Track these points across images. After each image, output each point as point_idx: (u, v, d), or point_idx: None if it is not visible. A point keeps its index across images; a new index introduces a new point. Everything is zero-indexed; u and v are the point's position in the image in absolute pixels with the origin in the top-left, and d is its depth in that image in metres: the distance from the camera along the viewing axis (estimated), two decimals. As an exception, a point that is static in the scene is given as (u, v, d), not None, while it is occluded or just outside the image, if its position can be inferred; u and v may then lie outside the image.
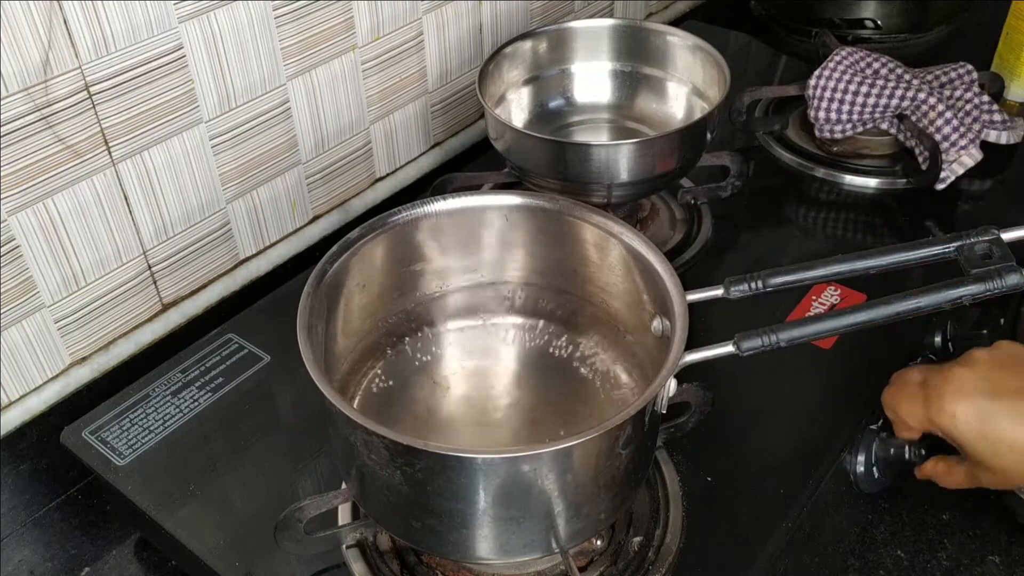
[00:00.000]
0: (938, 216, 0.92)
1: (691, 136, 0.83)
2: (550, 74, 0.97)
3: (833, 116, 0.95)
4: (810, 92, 0.96)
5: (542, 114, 0.97)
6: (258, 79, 0.79)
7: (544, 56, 0.96)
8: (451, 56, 0.97)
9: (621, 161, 0.80)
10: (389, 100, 0.93)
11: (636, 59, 0.97)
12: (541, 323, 0.72)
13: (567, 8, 1.10)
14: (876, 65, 0.97)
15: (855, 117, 0.94)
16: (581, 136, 0.97)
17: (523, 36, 0.93)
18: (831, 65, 0.95)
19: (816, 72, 0.96)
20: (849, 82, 0.94)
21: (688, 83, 0.94)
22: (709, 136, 0.85)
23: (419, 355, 0.70)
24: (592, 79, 0.98)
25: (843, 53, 0.96)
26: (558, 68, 0.97)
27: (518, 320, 0.72)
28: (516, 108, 0.95)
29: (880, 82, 0.93)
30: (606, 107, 0.99)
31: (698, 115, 0.90)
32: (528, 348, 0.71)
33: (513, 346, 0.72)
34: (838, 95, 0.94)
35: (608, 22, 0.96)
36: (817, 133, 0.98)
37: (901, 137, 0.95)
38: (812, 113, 0.96)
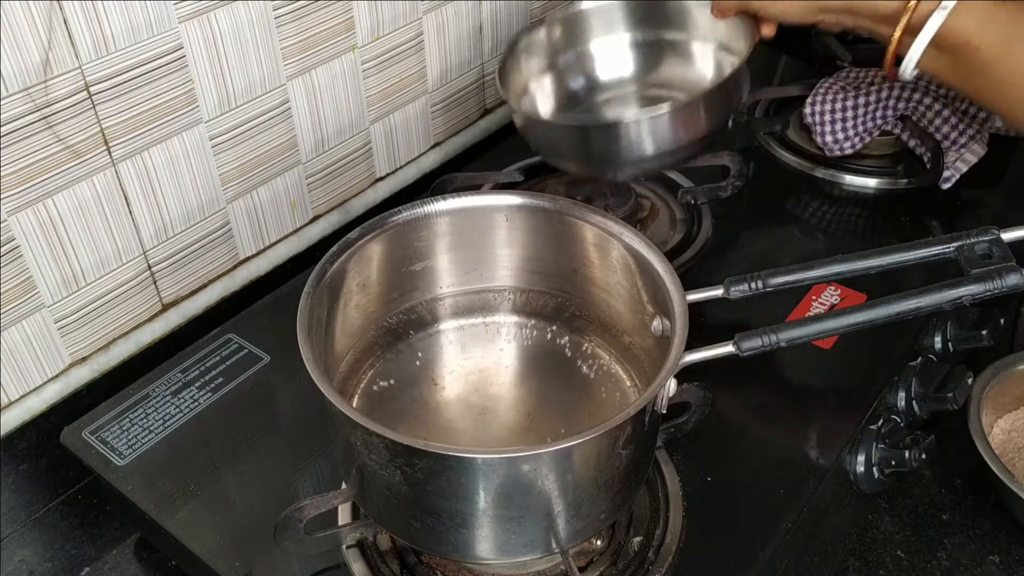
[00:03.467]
0: (938, 216, 0.92)
1: (726, 92, 0.80)
2: (569, 58, 0.94)
3: (840, 136, 0.95)
4: (808, 120, 0.96)
5: (568, 98, 0.94)
6: (258, 79, 0.79)
7: (559, 41, 0.93)
8: (451, 56, 0.97)
9: (654, 133, 0.77)
10: (389, 100, 0.93)
11: (655, 26, 0.93)
12: (541, 323, 0.72)
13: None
14: (863, 76, 0.97)
15: (860, 128, 0.94)
16: (612, 112, 0.94)
17: (535, 25, 0.91)
18: (820, 91, 0.96)
19: (808, 100, 0.96)
20: (845, 99, 0.94)
21: (712, 40, 0.90)
22: (744, 93, 0.82)
23: (419, 355, 0.70)
24: (613, 54, 0.94)
25: (829, 81, 0.97)
26: (575, 50, 0.94)
27: (518, 320, 0.72)
28: (541, 97, 0.93)
29: (874, 90, 0.93)
30: (632, 80, 0.95)
31: (728, 71, 0.85)
32: (528, 348, 0.71)
33: (513, 346, 0.72)
34: (838, 115, 0.94)
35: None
36: (828, 154, 0.97)
37: (904, 136, 0.95)
38: (818, 140, 0.96)
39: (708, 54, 0.91)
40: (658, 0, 0.92)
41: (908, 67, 0.74)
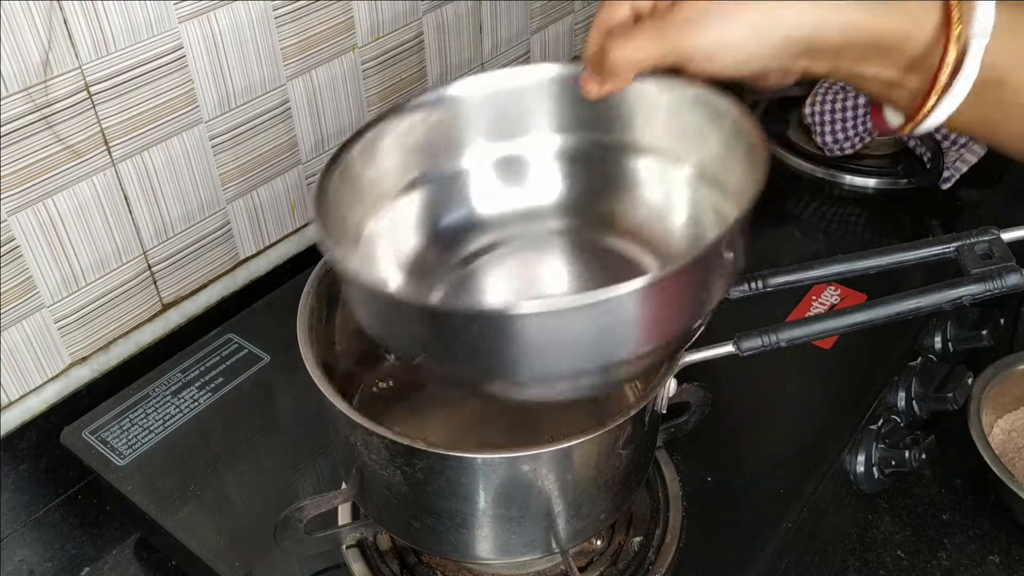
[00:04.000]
0: (938, 216, 0.93)
1: (716, 263, 0.49)
2: (441, 172, 0.59)
3: (840, 136, 0.95)
4: (808, 120, 0.96)
5: (436, 243, 0.59)
6: (258, 79, 0.79)
7: (426, 144, 0.58)
8: (451, 56, 0.97)
9: (584, 334, 0.45)
10: (389, 100, 0.93)
11: (590, 128, 0.59)
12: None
13: (567, 8, 1.10)
14: None
15: (860, 128, 0.95)
16: (506, 271, 0.60)
17: (389, 114, 0.55)
18: (820, 91, 0.96)
19: (808, 100, 0.96)
20: (845, 99, 0.94)
21: (689, 162, 0.57)
22: (732, 268, 0.52)
23: (419, 355, 0.70)
24: (518, 170, 0.60)
25: (829, 80, 0.97)
26: (452, 161, 0.59)
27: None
28: (386, 244, 0.57)
29: None
30: (549, 213, 0.61)
31: (710, 225, 0.56)
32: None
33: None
34: (837, 115, 0.95)
35: (543, 72, 0.57)
36: (828, 154, 0.97)
37: (904, 136, 0.95)
38: (818, 140, 0.96)
39: (674, 178, 0.59)
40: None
41: (942, 115, 0.54)
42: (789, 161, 0.99)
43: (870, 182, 0.96)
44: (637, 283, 0.43)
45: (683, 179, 0.58)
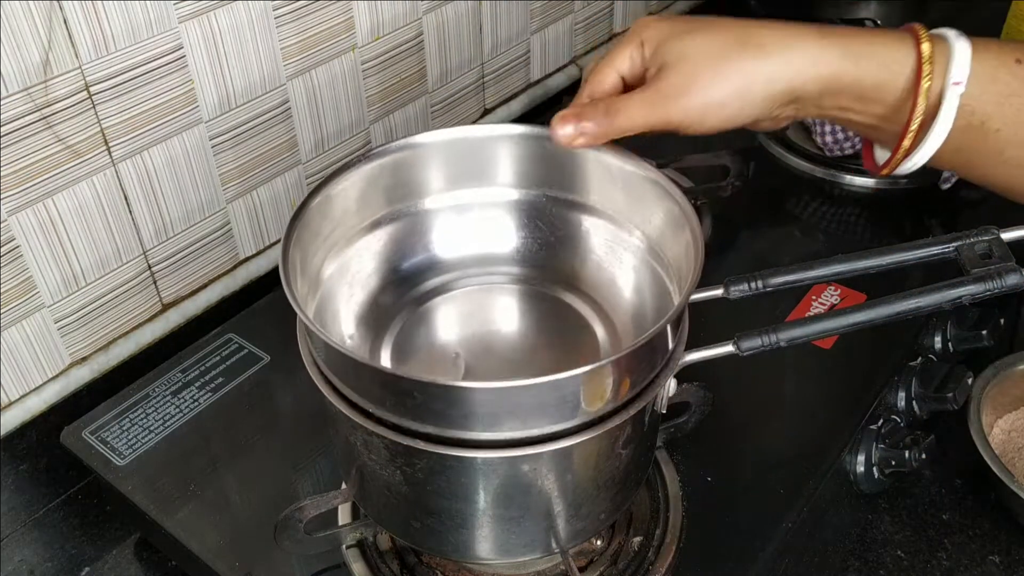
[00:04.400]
0: (938, 216, 0.92)
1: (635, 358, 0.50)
2: (402, 213, 0.63)
3: (840, 136, 0.95)
4: (808, 120, 0.96)
5: (394, 278, 0.64)
6: (258, 79, 0.79)
7: (392, 186, 0.62)
8: (451, 56, 0.98)
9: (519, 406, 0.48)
10: (389, 100, 0.93)
11: (554, 187, 0.63)
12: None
13: (567, 8, 1.10)
14: None
15: None
16: (459, 313, 0.64)
17: (360, 160, 0.59)
18: None
19: None
20: None
21: (638, 232, 0.62)
22: (671, 345, 0.53)
23: (419, 355, 0.70)
24: (475, 218, 0.65)
25: None
26: (415, 202, 0.63)
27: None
28: (344, 290, 0.61)
29: None
30: (505, 260, 0.65)
31: (651, 296, 0.61)
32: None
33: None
34: None
35: (506, 130, 0.62)
36: (828, 154, 0.97)
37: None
38: (818, 140, 0.96)
39: (623, 244, 0.63)
40: (566, 158, 0.61)
41: (921, 160, 0.58)
42: (789, 161, 0.99)
43: (870, 182, 0.96)
44: (574, 371, 0.47)
45: (631, 247, 0.62)
